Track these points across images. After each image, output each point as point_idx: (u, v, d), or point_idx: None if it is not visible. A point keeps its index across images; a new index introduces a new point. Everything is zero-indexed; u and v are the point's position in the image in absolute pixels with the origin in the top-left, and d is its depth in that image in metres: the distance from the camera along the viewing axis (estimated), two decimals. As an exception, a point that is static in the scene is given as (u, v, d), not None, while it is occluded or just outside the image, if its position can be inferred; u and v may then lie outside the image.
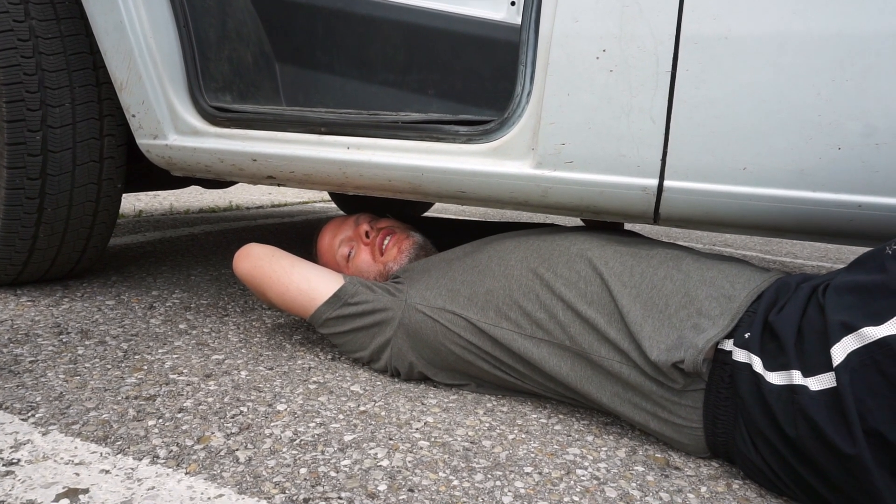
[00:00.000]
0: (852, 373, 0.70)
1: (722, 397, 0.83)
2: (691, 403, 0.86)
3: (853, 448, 0.68)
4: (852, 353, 0.70)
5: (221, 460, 0.81)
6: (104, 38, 1.25)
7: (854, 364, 0.70)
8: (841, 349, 0.71)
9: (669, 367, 0.84)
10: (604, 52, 0.92)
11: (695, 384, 0.85)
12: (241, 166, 1.25)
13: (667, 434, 0.90)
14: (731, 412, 0.83)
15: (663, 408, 0.88)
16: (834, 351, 0.72)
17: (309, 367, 1.15)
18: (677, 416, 0.87)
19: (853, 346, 0.71)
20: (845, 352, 0.71)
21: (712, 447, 0.88)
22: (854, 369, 0.70)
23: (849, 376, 0.70)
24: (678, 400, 0.86)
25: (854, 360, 0.70)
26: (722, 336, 0.83)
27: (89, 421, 0.88)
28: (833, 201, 0.87)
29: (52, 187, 1.33)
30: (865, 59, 0.82)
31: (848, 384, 0.69)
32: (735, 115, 0.88)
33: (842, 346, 0.71)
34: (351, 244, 1.29)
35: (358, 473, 0.79)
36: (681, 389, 0.85)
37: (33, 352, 1.11)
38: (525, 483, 0.80)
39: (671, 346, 0.84)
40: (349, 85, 1.54)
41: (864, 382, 0.69)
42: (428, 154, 1.09)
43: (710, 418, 0.85)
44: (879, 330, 0.69)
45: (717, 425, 0.85)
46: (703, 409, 0.85)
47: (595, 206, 1.01)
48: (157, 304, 1.46)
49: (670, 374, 0.85)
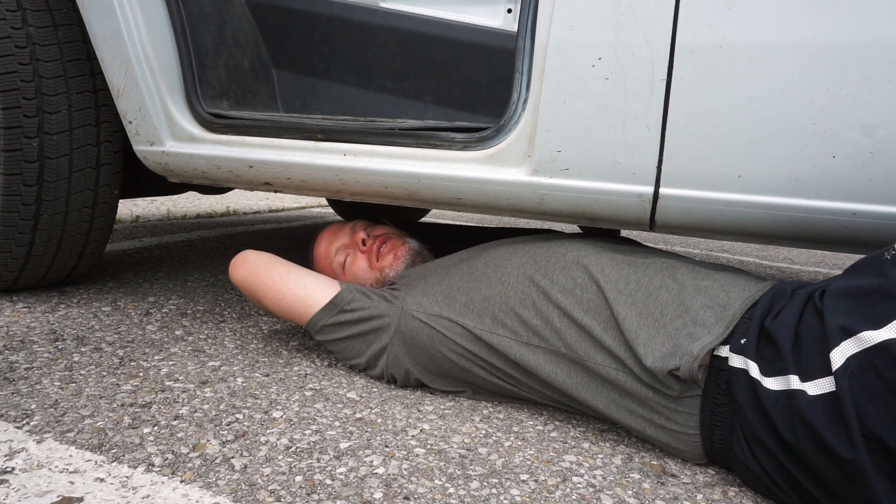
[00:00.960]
0: (851, 377, 0.69)
1: (718, 403, 0.83)
2: (688, 410, 0.86)
3: (852, 453, 0.68)
4: (851, 358, 0.70)
5: (217, 468, 0.80)
6: (101, 44, 1.25)
7: (853, 368, 0.70)
8: (840, 353, 0.71)
9: (665, 375, 0.84)
10: (599, 60, 0.93)
11: (691, 390, 0.85)
12: (237, 173, 1.25)
13: (663, 440, 0.90)
14: (727, 418, 0.83)
15: (660, 414, 0.88)
16: (833, 355, 0.72)
17: (305, 373, 1.15)
18: (674, 422, 0.87)
19: (852, 350, 0.70)
20: (844, 356, 0.71)
21: (709, 453, 0.88)
22: (853, 373, 0.69)
23: (848, 381, 0.70)
24: (674, 406, 0.86)
25: (853, 365, 0.70)
26: (717, 343, 0.83)
27: (84, 429, 0.88)
28: (828, 209, 0.87)
29: (49, 193, 1.33)
30: (860, 68, 0.82)
31: (847, 388, 0.69)
32: (730, 122, 0.88)
33: (841, 350, 0.71)
34: (347, 251, 1.29)
35: (354, 481, 0.79)
36: (677, 396, 0.85)
37: (29, 359, 1.11)
38: (521, 490, 0.80)
39: (666, 354, 0.84)
40: (346, 92, 1.54)
41: (864, 387, 0.69)
42: (424, 161, 1.09)
43: (707, 425, 0.85)
44: (879, 334, 0.69)
45: (714, 431, 0.85)
46: (700, 415, 0.85)
47: (591, 213, 1.01)
48: (153, 311, 1.46)
49: (666, 382, 0.85)
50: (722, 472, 0.89)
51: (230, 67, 1.41)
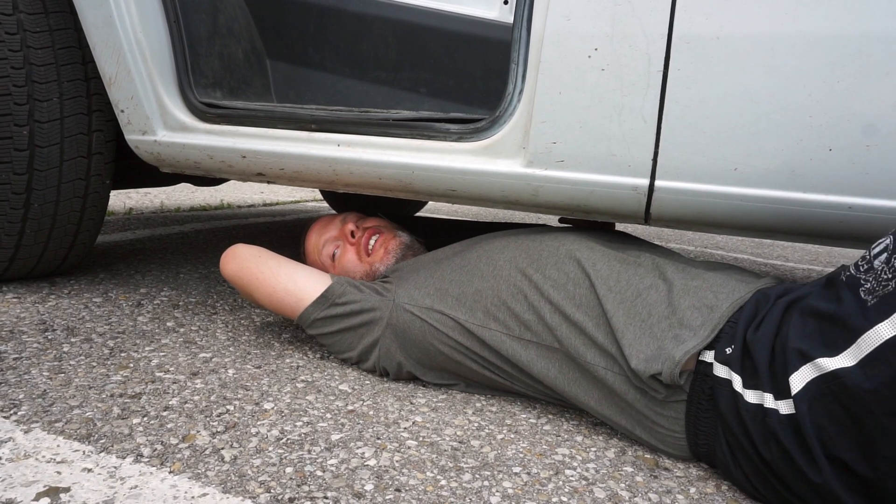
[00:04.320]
0: (811, 401, 0.70)
1: (703, 409, 0.83)
2: (673, 414, 0.86)
3: (819, 477, 0.69)
4: (811, 383, 0.70)
5: (206, 459, 0.80)
6: (93, 32, 1.24)
7: (813, 392, 0.70)
8: (799, 378, 0.71)
9: (649, 378, 0.83)
10: (596, 51, 0.92)
11: (676, 395, 0.84)
12: (230, 163, 1.24)
13: (651, 442, 0.90)
14: (712, 424, 0.83)
15: (646, 416, 0.88)
16: (792, 380, 0.72)
17: (297, 365, 1.14)
18: (660, 425, 0.87)
19: (811, 375, 0.71)
20: (804, 381, 0.71)
21: (696, 455, 0.88)
22: (814, 397, 0.70)
23: (807, 405, 0.70)
24: (661, 410, 0.86)
25: (813, 389, 0.70)
26: (701, 347, 0.82)
27: (73, 419, 0.87)
28: (823, 202, 0.87)
29: (39, 183, 1.32)
30: (857, 60, 0.82)
31: (806, 413, 0.70)
32: (726, 115, 0.88)
33: (800, 375, 0.72)
34: (336, 244, 1.28)
35: (345, 473, 0.78)
36: (663, 400, 0.85)
37: (17, 349, 1.10)
38: (513, 483, 0.79)
39: (650, 357, 0.84)
40: (341, 83, 1.53)
41: (825, 410, 0.69)
42: (418, 152, 1.08)
43: (692, 429, 0.85)
44: (833, 362, 0.69)
45: (699, 436, 0.84)
46: (686, 419, 0.85)
47: (586, 205, 1.00)
48: (144, 302, 1.44)
49: (651, 385, 0.84)
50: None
51: (224, 57, 1.40)
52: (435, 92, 1.46)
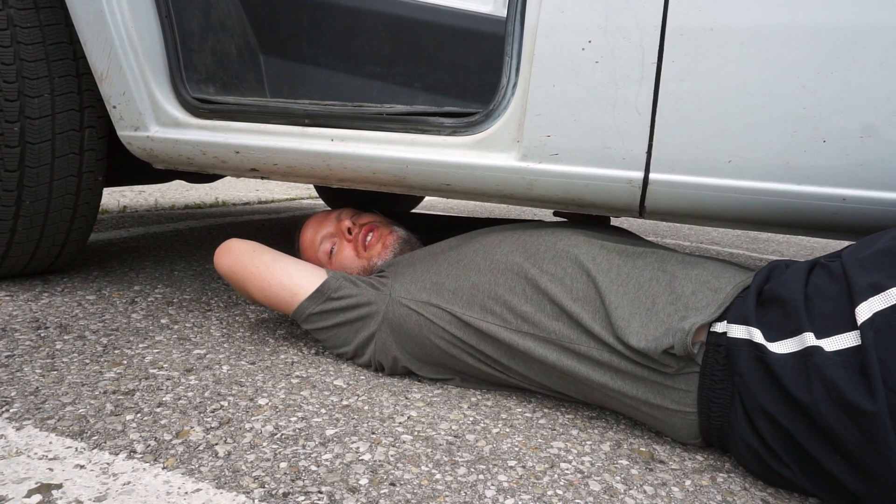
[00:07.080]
0: (877, 332, 0.70)
1: (717, 379, 0.83)
2: (685, 387, 0.85)
3: (873, 405, 0.68)
4: (877, 314, 0.70)
5: (200, 455, 0.79)
6: (84, 27, 1.23)
7: (879, 324, 0.70)
8: (867, 308, 0.71)
9: (661, 354, 0.83)
10: (589, 44, 0.92)
11: (689, 367, 0.84)
12: (223, 158, 1.23)
13: (658, 418, 0.89)
14: (727, 394, 0.82)
15: (655, 393, 0.87)
16: (860, 309, 0.72)
17: (292, 361, 1.13)
18: (670, 399, 0.86)
19: (879, 306, 0.71)
20: (871, 311, 0.71)
21: (705, 432, 0.87)
22: (878, 329, 0.70)
23: (873, 334, 0.70)
24: (671, 384, 0.86)
25: (879, 321, 0.70)
26: (711, 319, 0.83)
27: (65, 416, 0.86)
28: (818, 194, 0.87)
29: (31, 179, 1.31)
30: (851, 52, 0.81)
31: (872, 341, 0.69)
32: (720, 107, 0.88)
33: (868, 305, 0.71)
34: (333, 240, 1.27)
35: (339, 468, 0.78)
36: (674, 374, 0.85)
37: (10, 346, 1.09)
38: (508, 476, 0.79)
39: (659, 336, 0.84)
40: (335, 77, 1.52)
41: (888, 343, 0.69)
42: (412, 146, 1.07)
43: (705, 402, 0.84)
44: None
45: (712, 409, 0.84)
46: (698, 392, 0.84)
47: (580, 198, 1.00)
48: (138, 299, 1.44)
49: (662, 360, 0.84)
50: (711, 458, 0.89)
51: (216, 52, 1.39)
52: (429, 86, 1.46)
